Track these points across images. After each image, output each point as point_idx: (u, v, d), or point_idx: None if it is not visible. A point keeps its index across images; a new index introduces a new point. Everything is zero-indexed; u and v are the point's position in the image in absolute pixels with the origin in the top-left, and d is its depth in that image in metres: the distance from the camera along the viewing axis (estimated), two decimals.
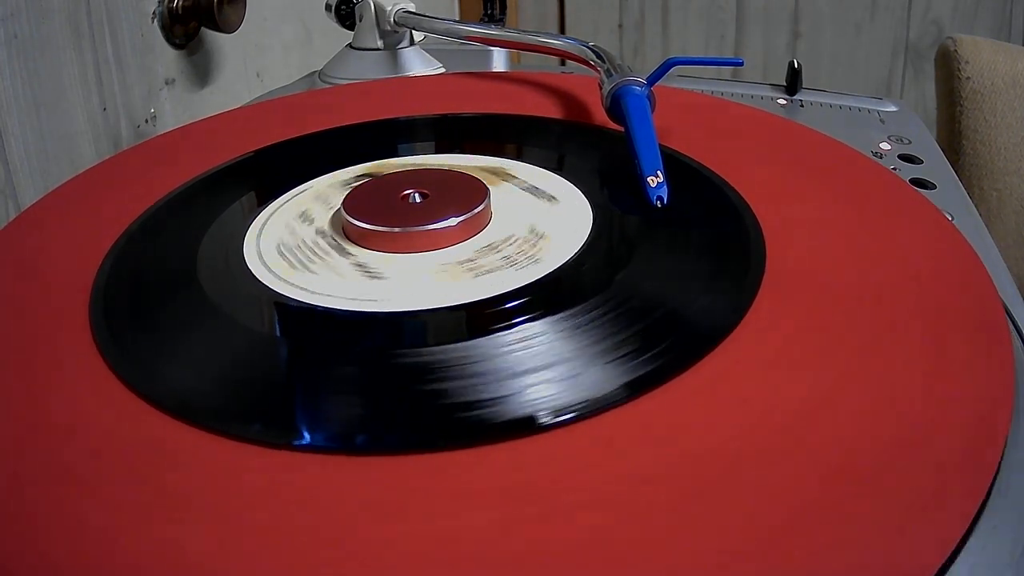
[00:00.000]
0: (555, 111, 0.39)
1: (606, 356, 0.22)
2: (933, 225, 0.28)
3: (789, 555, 0.17)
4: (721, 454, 0.19)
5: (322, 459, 0.20)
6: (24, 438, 0.21)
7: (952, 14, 1.09)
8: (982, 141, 0.68)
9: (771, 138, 0.35)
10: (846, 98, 0.50)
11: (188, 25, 0.58)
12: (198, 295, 0.26)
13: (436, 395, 0.21)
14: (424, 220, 0.28)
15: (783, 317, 0.24)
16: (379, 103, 0.41)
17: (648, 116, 0.33)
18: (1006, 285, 0.29)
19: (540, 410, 0.21)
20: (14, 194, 0.46)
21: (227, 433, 0.21)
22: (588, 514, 0.18)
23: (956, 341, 0.23)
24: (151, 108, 0.56)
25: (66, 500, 0.19)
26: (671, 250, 0.27)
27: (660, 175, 0.29)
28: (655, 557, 0.17)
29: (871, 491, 0.18)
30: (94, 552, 0.18)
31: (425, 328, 0.24)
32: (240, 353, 0.24)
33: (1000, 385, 0.21)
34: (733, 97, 0.50)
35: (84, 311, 0.26)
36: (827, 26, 1.14)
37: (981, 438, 0.20)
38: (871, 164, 0.33)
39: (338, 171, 0.34)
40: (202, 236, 0.29)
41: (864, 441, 0.20)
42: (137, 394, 0.22)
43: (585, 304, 0.24)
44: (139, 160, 0.37)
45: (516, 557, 0.17)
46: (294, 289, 0.26)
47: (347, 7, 0.54)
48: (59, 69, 0.49)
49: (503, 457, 0.20)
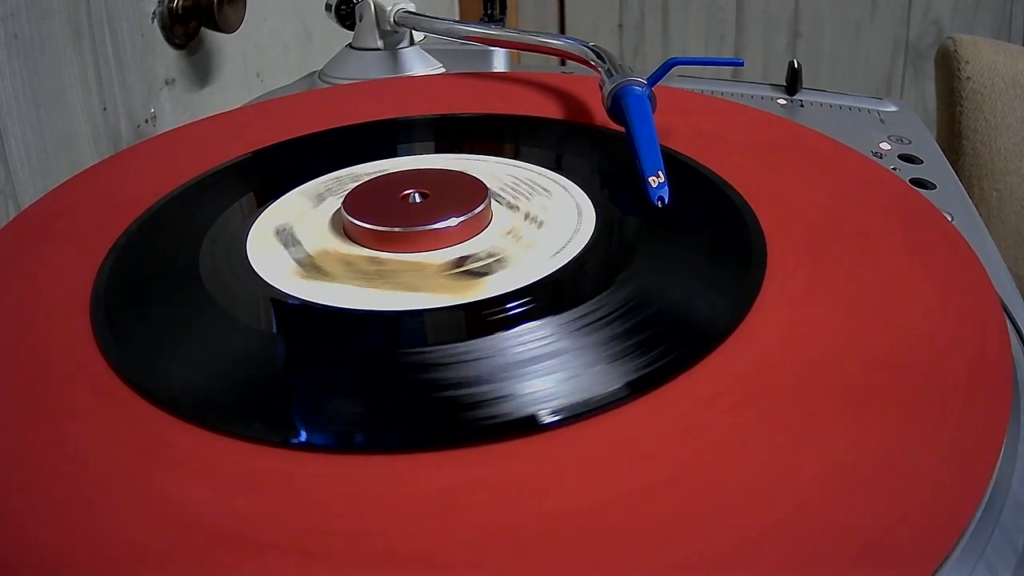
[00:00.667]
0: (555, 111, 0.39)
1: (607, 356, 0.22)
2: (933, 225, 0.28)
3: (791, 550, 0.17)
4: (722, 454, 0.19)
5: (321, 458, 0.20)
6: (24, 437, 0.21)
7: (952, 14, 1.09)
8: (982, 141, 0.68)
9: (771, 138, 0.35)
10: (846, 98, 0.50)
11: (188, 25, 0.58)
12: (199, 294, 0.26)
13: (435, 395, 0.21)
14: (424, 220, 0.28)
15: (783, 317, 0.24)
16: (379, 103, 0.41)
17: (649, 116, 0.33)
18: (1006, 285, 0.29)
19: (539, 410, 0.21)
20: (14, 194, 0.46)
21: (227, 431, 0.21)
22: (589, 514, 0.18)
23: (955, 341, 0.23)
24: (151, 108, 0.56)
25: (64, 499, 0.19)
26: (672, 250, 0.27)
27: (661, 175, 0.29)
28: (655, 557, 0.17)
29: (871, 491, 0.18)
30: (94, 551, 0.18)
31: (425, 328, 0.24)
32: (239, 352, 0.24)
33: (1000, 386, 0.21)
34: (733, 97, 0.50)
35: (84, 311, 0.26)
36: (827, 26, 1.14)
37: (981, 438, 0.20)
38: (871, 164, 0.33)
39: (339, 171, 0.34)
40: (203, 236, 0.29)
41: (863, 442, 0.20)
42: (137, 392, 0.22)
43: (585, 304, 0.24)
44: (139, 160, 0.37)
45: (516, 557, 0.17)
46: (294, 288, 0.26)
47: (347, 7, 0.54)
48: (59, 69, 0.49)
49: (503, 457, 0.20)
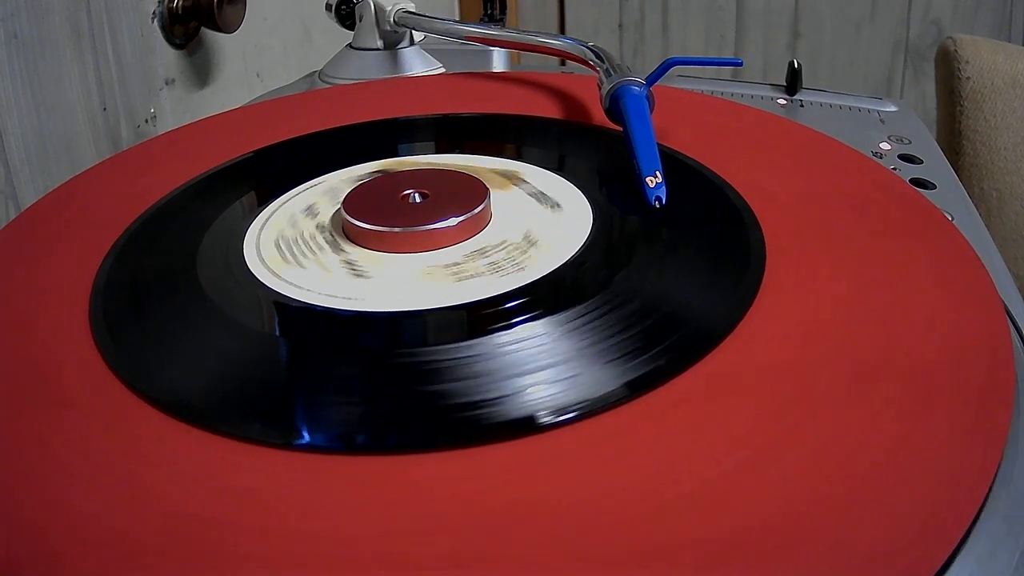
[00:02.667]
0: (555, 111, 0.39)
1: (605, 356, 0.22)
2: (933, 225, 0.28)
3: (791, 551, 0.17)
4: (721, 454, 0.19)
5: (317, 459, 0.20)
6: (24, 437, 0.21)
7: (952, 14, 1.09)
8: (982, 141, 0.68)
9: (771, 138, 0.35)
10: (846, 98, 0.50)
11: (188, 25, 0.58)
12: (197, 294, 0.26)
13: (434, 395, 0.21)
14: (423, 220, 0.28)
15: (782, 317, 0.24)
16: (379, 103, 0.41)
17: (647, 116, 0.33)
18: (1006, 285, 0.29)
19: (539, 410, 0.21)
20: (14, 194, 0.46)
21: (224, 432, 0.21)
22: (588, 514, 0.18)
23: (956, 341, 0.23)
24: (151, 108, 0.56)
25: (62, 498, 0.19)
26: (671, 250, 0.27)
27: (659, 175, 0.29)
28: (656, 557, 0.17)
29: (872, 492, 0.18)
30: (92, 551, 0.18)
31: (423, 328, 0.24)
32: (235, 352, 0.24)
33: (1000, 386, 0.21)
34: (733, 97, 0.50)
35: (84, 311, 0.26)
36: (827, 26, 1.14)
37: (981, 438, 0.20)
38: (871, 164, 0.33)
39: (352, 167, 0.34)
40: (202, 236, 0.29)
41: (864, 442, 0.20)
42: (135, 393, 0.22)
43: (585, 304, 0.24)
44: (139, 160, 0.37)
45: (516, 557, 0.17)
46: (288, 287, 0.26)
47: (347, 7, 0.54)
48: (59, 69, 0.49)
49: (503, 457, 0.20)
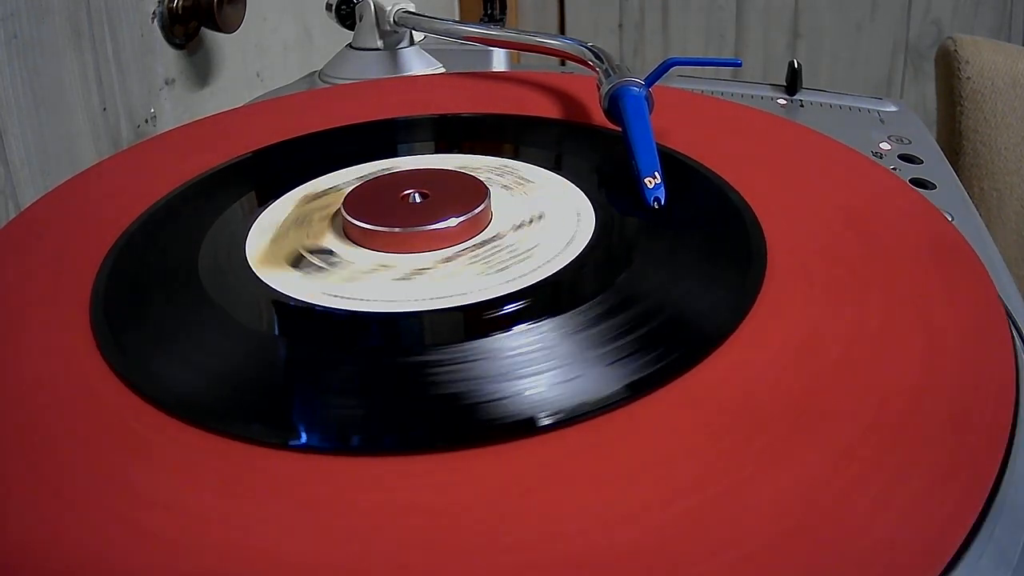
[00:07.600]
0: (555, 111, 0.39)
1: (606, 358, 0.22)
2: (933, 225, 0.28)
3: (791, 551, 0.17)
4: (722, 456, 0.19)
5: (318, 459, 0.20)
6: (24, 437, 0.21)
7: (952, 14, 1.09)
8: (982, 141, 0.68)
9: (771, 138, 0.35)
10: (846, 98, 0.50)
11: (188, 25, 0.58)
12: (197, 294, 0.26)
13: (433, 397, 0.21)
14: (424, 220, 0.28)
15: (783, 318, 0.24)
16: (379, 103, 0.41)
17: (646, 117, 0.33)
18: (1006, 285, 0.29)
19: (539, 412, 0.21)
20: (14, 194, 0.46)
21: (224, 432, 0.21)
22: (588, 515, 0.18)
23: (956, 342, 0.23)
24: (151, 108, 0.56)
25: (61, 498, 0.19)
26: (672, 251, 0.27)
27: (657, 176, 0.29)
28: (656, 556, 0.17)
29: (872, 492, 0.18)
30: (91, 550, 0.18)
31: (424, 329, 0.24)
32: (238, 353, 0.24)
33: (1001, 386, 0.21)
34: (733, 97, 0.50)
35: (84, 311, 0.26)
36: (827, 26, 1.14)
37: (982, 439, 0.20)
38: (871, 164, 0.33)
39: (352, 167, 0.34)
40: (202, 236, 0.29)
41: (863, 442, 0.20)
42: (135, 392, 0.22)
43: (585, 306, 0.24)
44: (139, 160, 0.37)
45: (515, 556, 0.17)
46: (292, 288, 0.26)
47: (347, 7, 0.54)
48: (59, 69, 0.48)
49: (502, 459, 0.20)
